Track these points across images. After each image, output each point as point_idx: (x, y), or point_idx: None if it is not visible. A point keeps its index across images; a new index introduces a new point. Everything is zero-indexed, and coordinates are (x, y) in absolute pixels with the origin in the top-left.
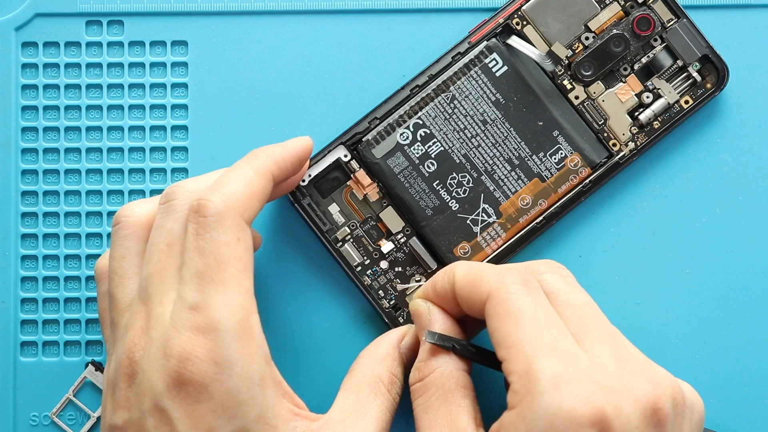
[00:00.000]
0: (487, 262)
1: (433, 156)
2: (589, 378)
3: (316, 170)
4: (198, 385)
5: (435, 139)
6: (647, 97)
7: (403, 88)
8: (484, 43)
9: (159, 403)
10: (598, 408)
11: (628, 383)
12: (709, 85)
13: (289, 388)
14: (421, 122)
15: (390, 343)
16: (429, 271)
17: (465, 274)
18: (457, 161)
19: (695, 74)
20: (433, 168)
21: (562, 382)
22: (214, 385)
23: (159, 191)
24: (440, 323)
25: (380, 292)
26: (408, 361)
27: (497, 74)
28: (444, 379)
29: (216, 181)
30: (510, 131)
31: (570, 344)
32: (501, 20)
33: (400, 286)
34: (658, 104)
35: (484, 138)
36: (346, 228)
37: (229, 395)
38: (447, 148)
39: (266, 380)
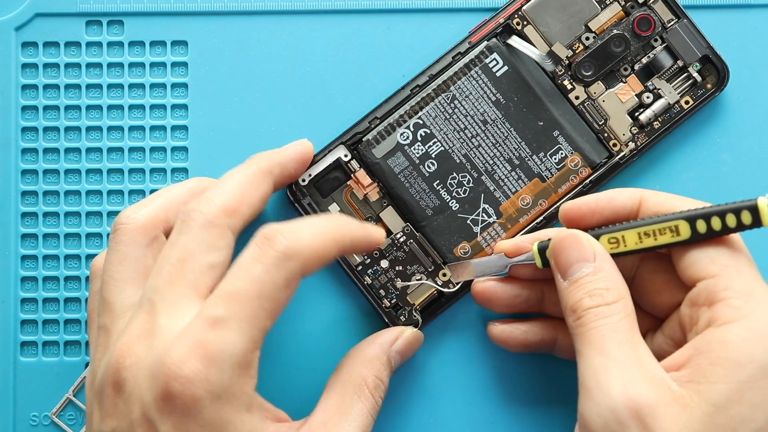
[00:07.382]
0: None
1: (433, 156)
2: None
3: (316, 170)
4: (187, 400)
5: (435, 139)
6: (647, 98)
7: (403, 88)
8: (485, 43)
9: (147, 413)
10: None
11: None
12: (709, 86)
13: (272, 405)
14: (421, 122)
15: (380, 345)
16: (429, 270)
17: (651, 198)
18: (458, 161)
19: (695, 74)
20: (433, 168)
21: None
22: (203, 403)
23: None
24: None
25: (381, 291)
26: (396, 365)
27: (497, 74)
28: (629, 308)
29: (294, 227)
30: (510, 131)
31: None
32: (501, 20)
33: (400, 284)
34: (659, 104)
35: (485, 138)
36: None
37: (217, 415)
38: (447, 148)
39: (254, 407)
